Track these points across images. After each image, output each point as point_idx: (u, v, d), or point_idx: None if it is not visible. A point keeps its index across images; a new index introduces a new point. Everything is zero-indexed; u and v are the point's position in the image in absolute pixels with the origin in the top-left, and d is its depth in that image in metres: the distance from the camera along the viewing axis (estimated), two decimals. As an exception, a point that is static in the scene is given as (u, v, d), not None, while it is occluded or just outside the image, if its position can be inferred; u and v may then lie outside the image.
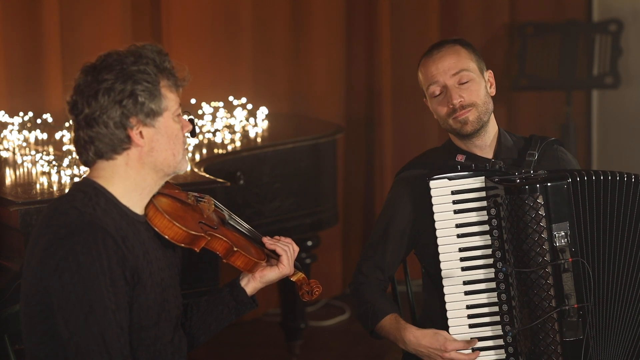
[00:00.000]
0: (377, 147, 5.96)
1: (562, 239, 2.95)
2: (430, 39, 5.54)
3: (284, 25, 5.61)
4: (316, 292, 2.94)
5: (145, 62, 2.55)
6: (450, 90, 3.11)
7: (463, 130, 3.13)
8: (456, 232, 3.05)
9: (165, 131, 2.58)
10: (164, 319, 2.64)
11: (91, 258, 2.45)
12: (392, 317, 3.13)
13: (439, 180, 3.06)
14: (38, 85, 4.85)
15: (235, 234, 2.81)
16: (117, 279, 2.49)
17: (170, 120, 2.58)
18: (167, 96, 2.57)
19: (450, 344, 3.02)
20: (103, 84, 2.54)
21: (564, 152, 3.28)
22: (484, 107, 3.14)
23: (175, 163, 2.62)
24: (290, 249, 2.84)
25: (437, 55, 3.14)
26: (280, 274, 2.82)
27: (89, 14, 5.00)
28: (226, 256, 2.74)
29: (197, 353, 5.03)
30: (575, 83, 5.95)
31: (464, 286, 3.05)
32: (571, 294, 2.96)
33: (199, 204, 2.78)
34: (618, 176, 3.00)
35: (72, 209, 2.51)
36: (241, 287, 2.82)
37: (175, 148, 2.60)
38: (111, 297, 2.47)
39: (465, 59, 3.14)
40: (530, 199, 2.94)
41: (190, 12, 5.31)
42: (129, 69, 2.54)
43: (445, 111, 3.13)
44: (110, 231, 2.50)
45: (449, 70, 3.12)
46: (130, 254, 2.53)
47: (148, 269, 2.58)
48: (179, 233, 2.63)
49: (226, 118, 4.75)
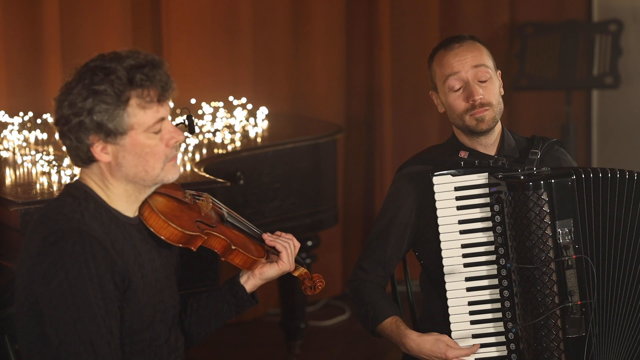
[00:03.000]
0: (377, 147, 5.96)
1: (565, 236, 2.95)
2: (430, 39, 5.56)
3: (284, 25, 5.61)
4: (319, 287, 2.93)
5: (110, 81, 2.47)
6: (472, 86, 3.10)
7: (478, 127, 3.12)
8: (459, 228, 3.04)
9: (132, 149, 2.52)
10: (158, 320, 2.64)
11: (79, 265, 2.45)
12: (393, 320, 3.11)
13: (443, 176, 3.05)
14: (38, 85, 4.86)
15: (234, 231, 2.80)
16: (106, 284, 2.48)
17: (140, 138, 2.52)
18: (135, 114, 2.50)
19: (452, 352, 3.00)
20: (69, 96, 2.50)
21: (564, 154, 3.28)
22: (498, 108, 3.14)
23: (151, 177, 2.57)
24: (290, 245, 2.82)
25: (460, 49, 3.13)
26: (280, 270, 2.82)
27: (89, 14, 5.00)
28: (224, 254, 2.74)
29: (197, 353, 5.04)
30: (575, 83, 5.95)
31: (467, 282, 3.04)
32: (574, 290, 2.96)
33: (196, 202, 2.76)
34: (621, 174, 3.00)
35: (60, 215, 2.51)
36: (240, 285, 2.82)
37: (147, 164, 2.54)
38: (100, 303, 2.47)
39: (485, 56, 3.16)
40: (534, 195, 2.93)
41: (190, 12, 5.31)
42: (92, 86, 2.47)
43: (463, 107, 3.12)
44: (98, 237, 2.49)
45: (471, 64, 3.11)
46: (120, 259, 2.52)
47: (140, 272, 2.58)
48: (174, 233, 2.62)
49: (226, 118, 4.75)
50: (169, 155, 2.57)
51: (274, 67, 5.58)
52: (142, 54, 2.54)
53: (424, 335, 3.04)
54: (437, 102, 3.21)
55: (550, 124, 6.12)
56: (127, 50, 2.55)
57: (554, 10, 6.12)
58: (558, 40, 5.94)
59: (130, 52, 2.54)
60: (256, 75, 5.49)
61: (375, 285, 3.19)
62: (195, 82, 5.28)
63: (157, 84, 2.51)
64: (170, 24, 5.22)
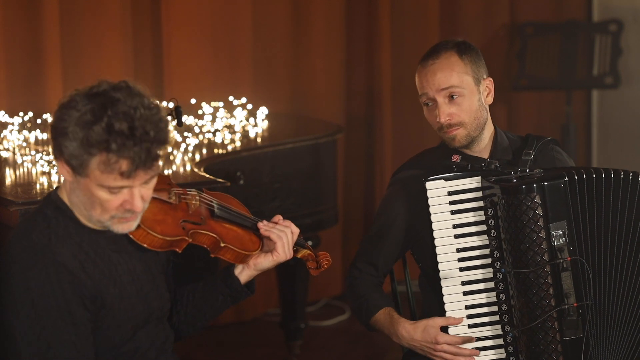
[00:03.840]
0: (377, 147, 5.96)
1: (560, 238, 2.95)
2: (430, 39, 5.56)
3: (284, 25, 5.61)
4: (325, 265, 2.88)
5: (89, 128, 2.39)
6: (439, 108, 3.10)
7: (451, 144, 3.14)
8: (453, 232, 3.04)
9: (85, 190, 2.47)
10: (142, 328, 2.63)
11: (45, 294, 2.46)
12: (386, 311, 3.13)
13: (436, 181, 3.05)
14: (38, 85, 4.86)
15: (226, 225, 2.74)
16: (75, 309, 2.49)
17: (92, 187, 2.45)
18: (94, 169, 2.41)
19: (442, 337, 3.02)
20: (64, 110, 2.45)
21: (559, 152, 3.27)
22: (474, 124, 3.12)
23: (97, 221, 2.52)
24: (286, 234, 2.76)
25: (430, 68, 3.11)
26: (275, 261, 2.76)
27: (89, 14, 5.00)
28: (214, 251, 2.70)
29: (197, 353, 5.04)
30: (575, 83, 5.95)
31: (463, 286, 3.05)
32: (570, 292, 2.96)
33: (182, 200, 2.69)
34: (614, 173, 2.99)
35: (28, 240, 2.50)
36: (235, 276, 2.78)
37: (93, 210, 2.49)
38: (70, 329, 2.48)
39: (459, 73, 3.10)
40: (527, 198, 2.93)
41: (191, 12, 5.31)
42: (77, 122, 2.40)
43: (435, 124, 3.13)
44: (65, 262, 2.49)
45: (438, 85, 3.09)
46: (90, 280, 2.52)
47: (115, 289, 2.57)
48: (154, 240, 2.58)
49: (226, 118, 4.75)
50: (118, 216, 2.50)
51: (274, 67, 5.58)
52: (144, 112, 2.43)
53: (415, 323, 3.06)
54: None
55: (550, 124, 6.12)
56: (137, 98, 2.44)
57: (554, 10, 6.12)
58: (558, 40, 5.94)
59: (137, 103, 2.43)
60: (256, 75, 5.48)
61: (369, 281, 3.20)
62: (195, 82, 5.28)
63: (129, 159, 2.41)
64: (170, 24, 5.21)
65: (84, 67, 5.00)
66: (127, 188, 2.45)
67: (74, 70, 4.97)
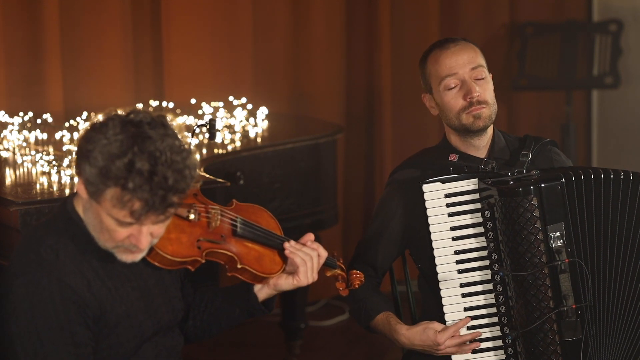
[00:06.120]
0: (377, 147, 5.96)
1: (557, 240, 2.95)
2: (430, 40, 5.50)
3: (284, 25, 5.61)
4: (356, 285, 2.82)
5: (112, 161, 2.34)
6: (470, 84, 3.09)
7: (475, 125, 3.10)
8: (451, 234, 3.04)
9: (96, 214, 2.43)
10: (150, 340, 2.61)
11: (47, 313, 2.45)
12: (384, 316, 3.12)
13: (432, 183, 3.05)
14: (38, 85, 4.86)
15: (247, 244, 2.65)
16: (76, 329, 2.47)
17: (103, 214, 2.41)
18: (106, 200, 2.37)
19: (441, 336, 3.01)
20: (92, 132, 2.39)
21: (557, 154, 3.26)
22: (494, 107, 3.13)
23: (103, 245, 2.48)
24: (311, 259, 2.68)
25: (456, 48, 3.12)
26: (295, 286, 2.70)
27: (88, 13, 5.00)
28: (230, 270, 2.63)
29: (197, 353, 5.04)
30: (575, 83, 5.95)
31: (461, 288, 3.05)
32: (569, 294, 2.96)
33: (202, 218, 2.59)
34: (612, 174, 2.99)
35: (36, 254, 2.47)
36: (253, 293, 2.73)
37: (100, 234, 2.46)
38: (70, 348, 2.46)
39: (480, 56, 3.14)
40: (525, 200, 2.93)
41: (191, 12, 5.31)
42: (103, 149, 2.35)
43: (460, 105, 3.10)
44: (70, 281, 2.46)
45: (468, 63, 3.10)
46: (96, 299, 2.49)
47: (124, 305, 2.54)
48: (164, 260, 2.52)
49: (226, 118, 4.75)
50: (124, 246, 2.46)
51: (274, 67, 5.59)
52: (170, 157, 2.36)
53: (412, 328, 3.05)
54: (431, 105, 3.20)
55: (550, 124, 6.12)
56: (169, 140, 2.37)
57: (554, 10, 6.12)
58: (558, 40, 5.94)
59: (166, 146, 2.36)
60: (256, 75, 5.49)
61: (368, 282, 3.19)
62: (195, 82, 5.28)
63: (142, 201, 2.35)
64: (170, 24, 5.22)
65: (84, 68, 5.00)
66: (137, 226, 2.42)
67: (74, 70, 4.97)
